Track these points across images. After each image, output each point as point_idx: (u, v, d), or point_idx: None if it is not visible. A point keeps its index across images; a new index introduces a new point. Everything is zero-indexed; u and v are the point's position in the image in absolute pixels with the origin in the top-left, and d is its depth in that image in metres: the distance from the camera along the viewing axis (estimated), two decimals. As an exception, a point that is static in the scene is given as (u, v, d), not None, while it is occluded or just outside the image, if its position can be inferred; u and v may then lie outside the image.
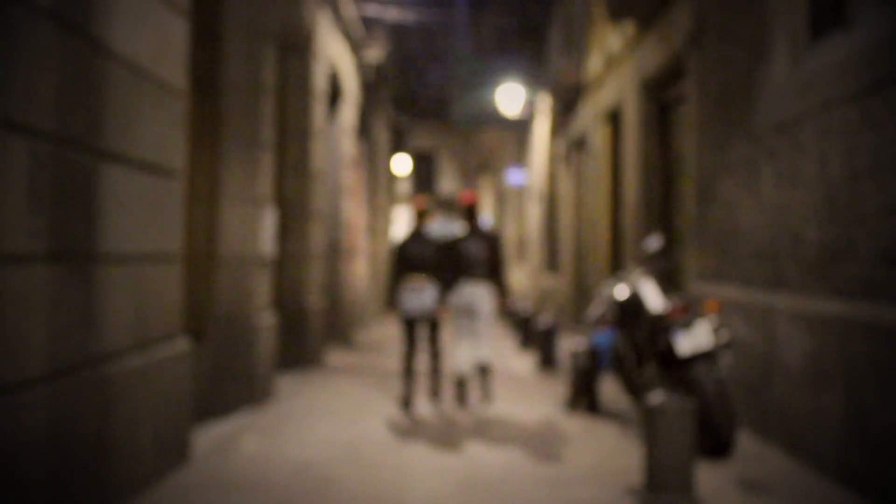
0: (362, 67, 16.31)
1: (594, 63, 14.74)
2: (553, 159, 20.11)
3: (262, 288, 8.30)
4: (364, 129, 18.06)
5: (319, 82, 11.64)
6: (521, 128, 24.52)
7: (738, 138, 7.47)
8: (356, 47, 15.29)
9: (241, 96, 7.99)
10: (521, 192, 27.12)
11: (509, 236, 29.55)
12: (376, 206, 20.65)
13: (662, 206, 10.97)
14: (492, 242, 8.56)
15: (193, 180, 7.58)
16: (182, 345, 5.89)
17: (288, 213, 11.02)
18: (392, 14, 15.25)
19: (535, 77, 21.27)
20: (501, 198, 31.78)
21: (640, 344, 7.20)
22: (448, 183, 34.47)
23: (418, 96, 25.97)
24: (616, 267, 13.36)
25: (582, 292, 16.25)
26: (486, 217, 33.24)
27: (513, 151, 27.27)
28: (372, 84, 17.94)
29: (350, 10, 13.76)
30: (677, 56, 9.56)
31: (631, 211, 11.73)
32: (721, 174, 7.95)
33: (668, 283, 9.15)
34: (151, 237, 5.31)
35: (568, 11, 18.40)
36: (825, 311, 5.75)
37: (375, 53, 16.37)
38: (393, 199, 25.81)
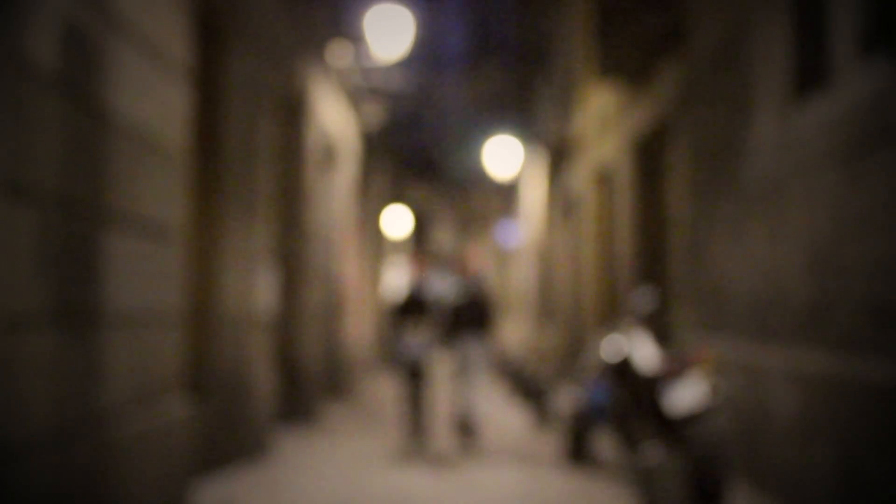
0: (359, 126, 16.51)
1: (586, 119, 14.95)
2: (547, 214, 20.27)
3: (260, 344, 8.40)
4: (361, 186, 18.22)
5: (313, 143, 11.81)
6: (514, 183, 24.72)
7: (727, 195, 7.62)
8: (353, 107, 15.50)
9: (239, 157, 8.13)
10: (515, 244, 27.26)
11: (505, 288, 29.63)
12: (373, 262, 20.76)
13: (655, 260, 11.10)
14: (485, 298, 8.76)
15: (193, 239, 7.69)
16: (181, 402, 5.97)
17: (284, 271, 11.13)
18: (388, 76, 15.46)
19: (528, 132, 21.50)
20: (496, 251, 31.90)
21: (633, 402, 7.27)
22: (443, 237, 34.58)
23: (413, 152, 26.19)
24: (610, 320, 13.46)
25: (577, 345, 16.33)
26: (481, 270, 33.25)
27: (506, 205, 27.46)
28: (369, 142, 18.14)
29: (347, 72, 13.98)
30: (667, 114, 9.75)
31: (624, 265, 11.86)
32: (711, 230, 8.09)
33: (660, 334, 9.25)
34: (152, 295, 5.42)
35: (559, 68, 18.66)
36: (814, 365, 5.85)
37: (372, 112, 16.58)
38: (390, 253, 25.92)
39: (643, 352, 7.30)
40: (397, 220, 27.17)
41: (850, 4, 5.66)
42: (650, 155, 11.14)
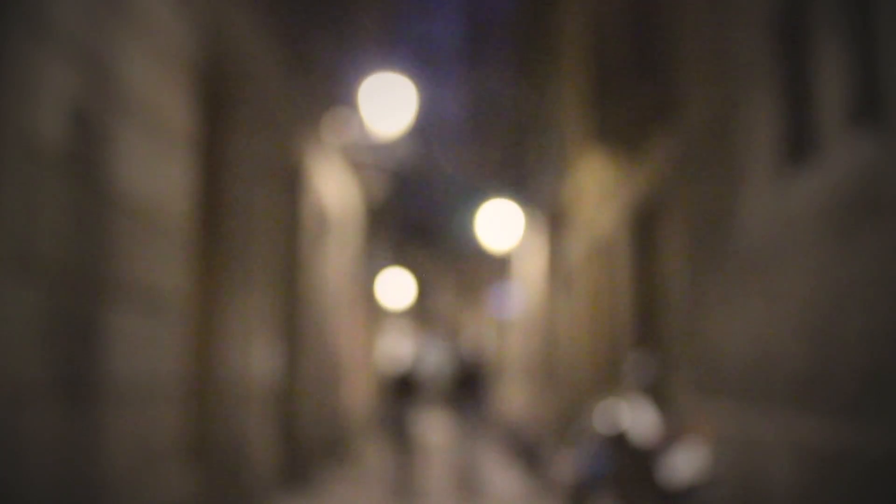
0: (359, 195, 16.65)
1: (582, 188, 15.09)
2: (546, 280, 20.34)
3: (260, 412, 8.43)
4: (360, 254, 18.32)
5: (312, 214, 11.93)
6: (513, 250, 24.81)
7: (722, 264, 7.71)
8: (352, 176, 15.65)
9: (238, 229, 8.24)
10: (515, 309, 27.26)
11: (505, 354, 29.57)
12: (372, 329, 20.78)
13: (652, 326, 11.15)
14: (481, 366, 8.86)
15: (193, 309, 7.76)
16: (182, 471, 6.00)
17: (283, 340, 11.17)
18: (388, 146, 15.65)
19: (526, 200, 21.65)
20: (496, 316, 31.89)
21: (631, 474, 7.30)
22: (442, 303, 34.61)
23: (412, 220, 26.34)
24: (608, 386, 13.47)
25: (577, 411, 16.29)
26: (480, 336, 33.26)
27: (506, 272, 27.52)
28: (368, 210, 18.29)
29: (346, 142, 14.14)
30: (662, 183, 9.88)
31: (622, 332, 11.91)
32: (707, 297, 8.16)
33: (658, 399, 9.29)
34: (154, 366, 5.48)
35: (555, 137, 18.84)
36: (811, 434, 5.88)
37: (371, 181, 16.73)
38: (389, 320, 25.93)
39: (641, 419, 7.34)
40: (397, 288, 27.23)
41: (836, 77, 5.79)
42: (646, 223, 11.25)
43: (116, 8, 4.97)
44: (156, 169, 5.54)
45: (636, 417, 7.38)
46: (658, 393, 10.01)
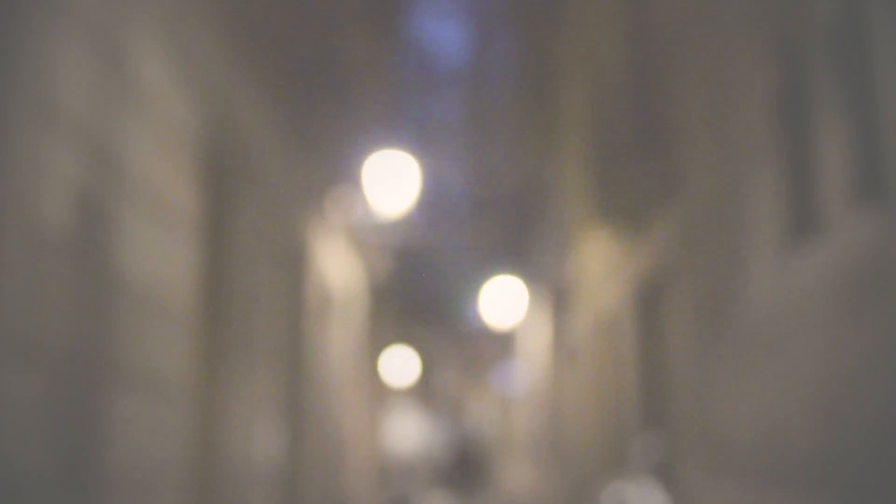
0: (363, 272, 16.66)
1: (586, 263, 15.08)
2: (551, 357, 20.25)
3: (262, 495, 8.32)
4: (364, 332, 18.27)
5: (315, 293, 11.92)
6: (518, 326, 24.75)
7: (728, 342, 7.66)
8: (357, 254, 15.68)
9: (241, 309, 8.22)
10: (520, 386, 27.11)
11: (510, 432, 29.32)
12: (376, 407, 20.64)
13: (658, 405, 11.06)
14: (484, 447, 8.75)
15: (195, 392, 7.70)
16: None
17: (285, 421, 11.08)
18: (392, 223, 15.70)
19: (530, 276, 21.65)
20: (501, 394, 31.71)
21: None
22: (445, 381, 34.43)
23: (417, 296, 26.31)
24: (618, 465, 13.31)
25: (583, 492, 16.10)
26: (485, 414, 33.07)
27: (509, 348, 27.42)
28: (372, 288, 18.27)
29: (351, 219, 14.19)
30: (666, 260, 9.87)
31: (629, 409, 11.81)
32: (714, 376, 8.09)
33: (665, 481, 9.17)
34: (155, 452, 5.41)
35: (558, 211, 18.90)
36: (822, 513, 5.80)
37: (375, 259, 16.75)
38: (393, 399, 25.77)
39: (649, 502, 7.24)
40: (401, 365, 27.10)
41: (838, 154, 5.80)
42: (651, 300, 11.22)
43: (121, 90, 5.00)
44: (159, 251, 5.53)
45: (644, 501, 7.27)
46: (666, 475, 9.88)
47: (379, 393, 21.85)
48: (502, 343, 28.50)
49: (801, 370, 6.16)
